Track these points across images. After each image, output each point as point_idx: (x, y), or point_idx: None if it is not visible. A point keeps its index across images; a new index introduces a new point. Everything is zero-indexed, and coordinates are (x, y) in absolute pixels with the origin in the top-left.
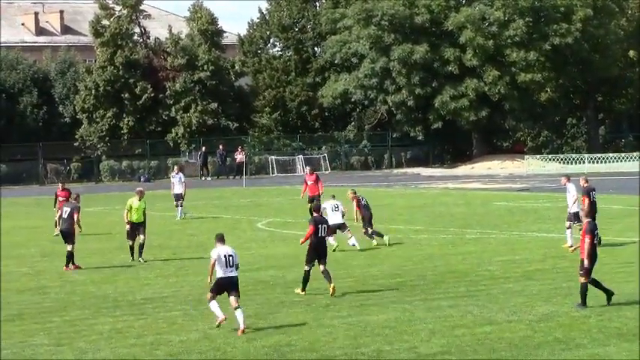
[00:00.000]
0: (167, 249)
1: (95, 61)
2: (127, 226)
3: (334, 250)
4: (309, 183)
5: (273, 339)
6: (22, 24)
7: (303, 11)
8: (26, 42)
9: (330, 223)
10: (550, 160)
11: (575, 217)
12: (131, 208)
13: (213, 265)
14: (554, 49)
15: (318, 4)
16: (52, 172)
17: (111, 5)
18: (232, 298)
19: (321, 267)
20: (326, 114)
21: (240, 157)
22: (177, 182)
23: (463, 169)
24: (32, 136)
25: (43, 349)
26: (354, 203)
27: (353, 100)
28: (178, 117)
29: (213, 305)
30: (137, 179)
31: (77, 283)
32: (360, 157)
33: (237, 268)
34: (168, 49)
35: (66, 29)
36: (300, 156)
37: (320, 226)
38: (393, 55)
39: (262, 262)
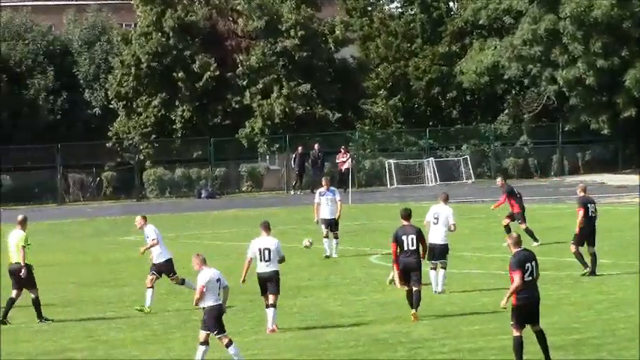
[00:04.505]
0: None
1: (136, 25)
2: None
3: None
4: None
5: None
6: None
7: None
8: (39, 0)
9: None
10: None
11: None
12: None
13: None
14: None
15: None
16: (76, 185)
17: None
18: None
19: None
20: (467, 98)
21: (344, 161)
22: (326, 202)
23: None
24: (47, 135)
25: None
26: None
27: (506, 77)
28: (255, 105)
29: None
30: (197, 195)
31: None
32: (516, 160)
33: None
34: (239, 8)
35: None
36: (431, 159)
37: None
38: (563, 11)
39: (377, 312)
